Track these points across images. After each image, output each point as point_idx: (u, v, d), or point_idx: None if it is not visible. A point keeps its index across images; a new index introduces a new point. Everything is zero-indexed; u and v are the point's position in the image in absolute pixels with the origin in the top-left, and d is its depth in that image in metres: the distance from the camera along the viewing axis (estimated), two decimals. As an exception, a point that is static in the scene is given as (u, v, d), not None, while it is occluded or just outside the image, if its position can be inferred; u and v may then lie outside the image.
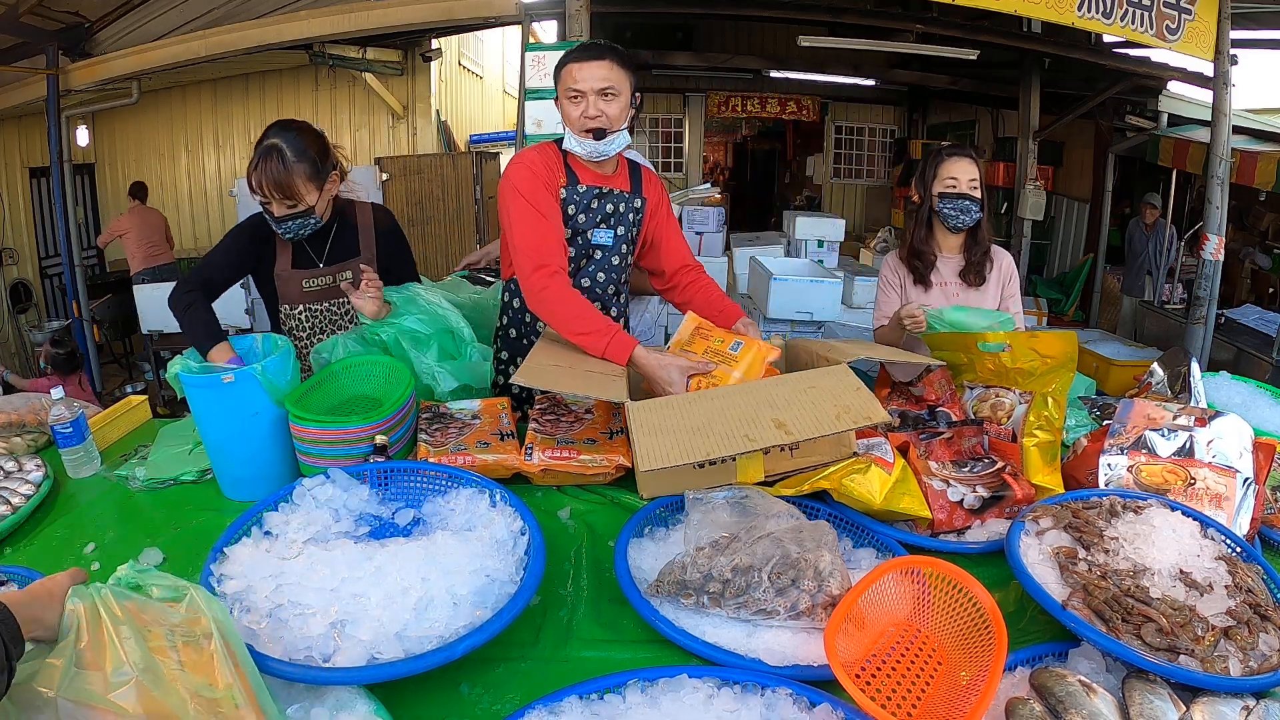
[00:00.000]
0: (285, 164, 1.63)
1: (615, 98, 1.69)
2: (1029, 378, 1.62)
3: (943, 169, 2.07)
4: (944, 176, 2.06)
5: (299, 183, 1.65)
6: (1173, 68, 5.70)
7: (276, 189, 1.64)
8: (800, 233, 5.61)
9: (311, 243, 1.81)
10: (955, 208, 2.05)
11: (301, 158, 1.65)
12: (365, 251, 1.84)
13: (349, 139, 7.11)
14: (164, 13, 5.53)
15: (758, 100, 9.62)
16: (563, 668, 1.02)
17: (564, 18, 4.43)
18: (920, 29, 5.64)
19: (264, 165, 1.63)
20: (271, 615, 0.96)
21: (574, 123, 1.69)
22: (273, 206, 1.68)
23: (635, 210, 1.86)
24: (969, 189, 2.04)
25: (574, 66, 1.67)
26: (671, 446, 1.21)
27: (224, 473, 1.48)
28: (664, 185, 1.99)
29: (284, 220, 1.69)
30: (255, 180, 1.65)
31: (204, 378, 1.41)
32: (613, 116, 1.69)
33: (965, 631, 0.98)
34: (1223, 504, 1.26)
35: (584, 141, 1.70)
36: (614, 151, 1.75)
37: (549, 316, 1.65)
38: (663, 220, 1.93)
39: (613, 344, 1.58)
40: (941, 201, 2.06)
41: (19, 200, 6.91)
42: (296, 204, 1.67)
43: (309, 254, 1.81)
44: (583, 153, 1.72)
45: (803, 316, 3.98)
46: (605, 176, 1.81)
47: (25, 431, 1.70)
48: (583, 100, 1.67)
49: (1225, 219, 4.55)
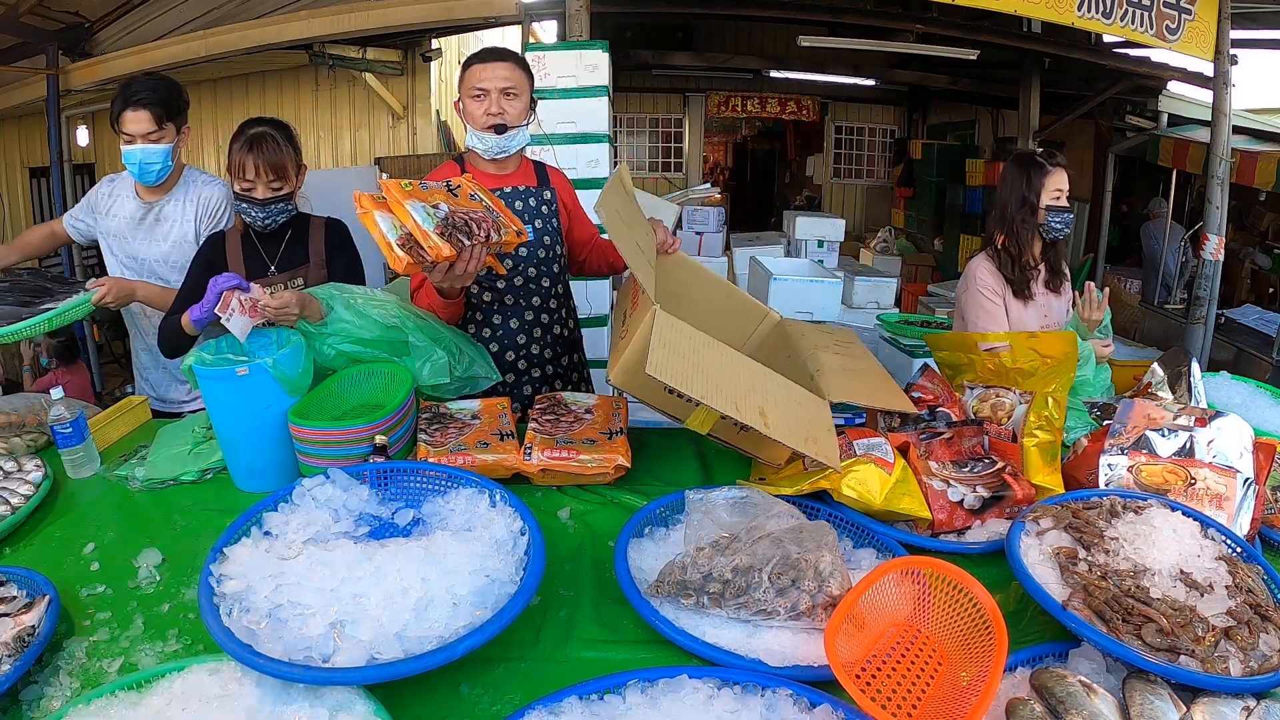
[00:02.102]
0: (279, 146, 1.77)
1: (516, 97, 1.80)
2: (1029, 378, 1.62)
3: (1049, 180, 2.05)
4: (1051, 188, 2.05)
5: (289, 165, 1.79)
6: (1173, 68, 5.70)
7: (271, 170, 1.76)
8: (800, 233, 5.61)
9: (267, 248, 1.87)
10: (1062, 220, 2.05)
11: (288, 142, 1.80)
12: (315, 258, 1.90)
13: (349, 139, 7.11)
14: (164, 13, 5.53)
15: (758, 100, 9.61)
16: (563, 668, 1.02)
17: (564, 18, 4.43)
18: (920, 29, 5.64)
19: (259, 148, 1.74)
20: (271, 615, 0.96)
21: (477, 120, 1.79)
22: (257, 190, 1.76)
23: (547, 202, 1.94)
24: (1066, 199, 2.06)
25: (479, 67, 1.78)
26: (676, 370, 1.24)
27: (237, 464, 1.49)
28: (567, 177, 2.08)
29: (267, 204, 1.77)
30: (250, 163, 1.73)
31: (217, 370, 1.43)
32: (514, 115, 1.80)
33: (965, 632, 0.98)
34: (1223, 504, 1.26)
35: (485, 137, 1.79)
36: (515, 148, 1.85)
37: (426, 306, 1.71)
38: (574, 207, 2.04)
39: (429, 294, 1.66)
40: (1050, 214, 2.05)
41: (19, 200, 6.91)
42: (283, 186, 1.79)
43: (263, 259, 1.87)
44: (484, 149, 1.81)
45: (803, 316, 3.97)
46: (505, 176, 1.90)
47: (25, 431, 1.70)
48: (486, 98, 1.77)
49: (1225, 219, 4.55)
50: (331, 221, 1.95)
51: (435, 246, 1.44)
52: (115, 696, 0.91)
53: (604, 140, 3.47)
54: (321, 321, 1.61)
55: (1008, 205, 2.10)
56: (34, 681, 0.99)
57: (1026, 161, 2.11)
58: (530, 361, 1.98)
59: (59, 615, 1.06)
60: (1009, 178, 2.12)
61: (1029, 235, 2.08)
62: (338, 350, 1.62)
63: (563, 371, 2.06)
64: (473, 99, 1.79)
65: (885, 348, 3.71)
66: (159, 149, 1.94)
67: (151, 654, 1.03)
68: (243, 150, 1.74)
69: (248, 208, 1.77)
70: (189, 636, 1.07)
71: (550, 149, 3.28)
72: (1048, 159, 2.10)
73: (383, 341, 1.64)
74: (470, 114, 1.80)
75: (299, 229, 1.90)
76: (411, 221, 1.44)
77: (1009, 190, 2.10)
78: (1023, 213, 2.08)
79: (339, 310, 1.63)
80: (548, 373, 2.02)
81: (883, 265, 6.99)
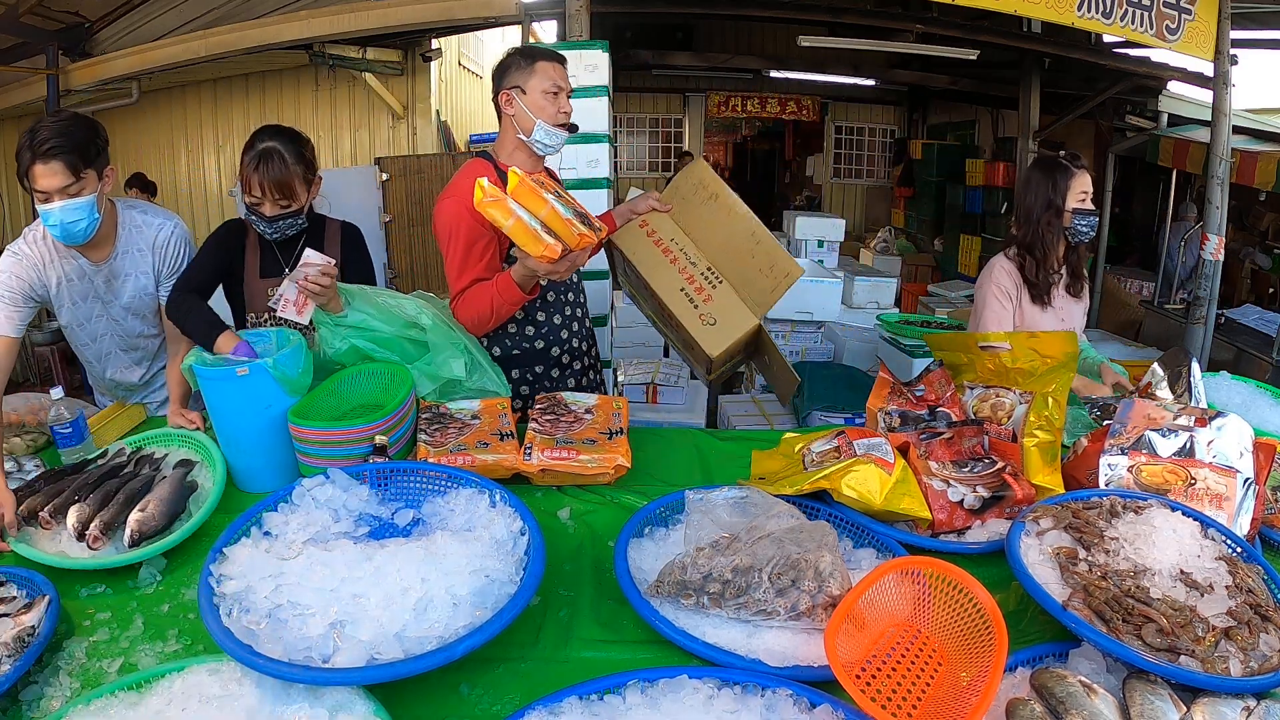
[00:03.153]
0: (286, 165, 1.71)
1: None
2: (1029, 378, 1.62)
3: (1075, 183, 2.03)
4: (1077, 191, 2.04)
5: (297, 184, 1.73)
6: (1173, 68, 5.70)
7: (277, 189, 1.70)
8: (800, 233, 5.60)
9: (283, 250, 1.85)
10: (1088, 223, 2.04)
11: (298, 161, 1.74)
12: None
13: (349, 139, 7.11)
14: (164, 13, 5.53)
15: (758, 100, 9.62)
16: (563, 668, 1.02)
17: (564, 18, 4.43)
18: (920, 29, 5.63)
19: (264, 167, 1.69)
20: (271, 615, 0.96)
21: (550, 115, 1.81)
22: (265, 207, 1.72)
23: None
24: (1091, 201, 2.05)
25: (551, 66, 1.81)
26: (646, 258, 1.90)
27: (237, 464, 1.50)
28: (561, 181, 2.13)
29: (275, 220, 1.74)
30: (256, 181, 1.69)
31: (217, 370, 1.43)
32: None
33: (965, 632, 0.98)
34: (1223, 504, 1.26)
35: (557, 133, 1.83)
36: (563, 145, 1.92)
37: (472, 324, 1.79)
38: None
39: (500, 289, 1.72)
40: (1077, 218, 2.03)
41: (19, 200, 6.90)
42: (290, 204, 1.74)
43: (279, 261, 1.85)
44: (551, 144, 1.84)
45: (803, 316, 3.97)
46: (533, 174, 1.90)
47: (25, 432, 1.70)
48: (560, 96, 1.82)
49: (1225, 219, 4.55)
50: (347, 225, 1.94)
51: (583, 234, 1.54)
52: (115, 696, 0.92)
53: (604, 140, 3.46)
54: (341, 315, 1.63)
55: (1033, 209, 2.06)
56: (34, 681, 0.99)
57: (1051, 165, 2.08)
58: (571, 355, 2.03)
59: (59, 615, 1.07)
60: (1033, 181, 2.09)
61: (1054, 239, 2.06)
62: (351, 344, 1.63)
63: (591, 363, 2.13)
64: (546, 95, 1.80)
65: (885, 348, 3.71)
66: (80, 203, 1.64)
67: (151, 654, 1.04)
68: (249, 167, 1.70)
69: (257, 220, 1.75)
70: (189, 636, 1.07)
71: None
72: (1072, 161, 2.08)
73: (398, 340, 1.66)
74: (542, 109, 1.80)
75: (315, 232, 1.88)
76: (549, 210, 1.51)
77: (1033, 194, 2.07)
78: (1048, 216, 2.05)
79: (358, 303, 1.65)
80: (584, 364, 2.08)
81: (883, 265, 6.99)
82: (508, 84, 1.81)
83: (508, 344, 1.93)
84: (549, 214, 1.51)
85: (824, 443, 1.48)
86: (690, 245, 2.11)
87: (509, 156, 1.87)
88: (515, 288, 1.70)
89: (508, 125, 1.85)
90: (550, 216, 1.52)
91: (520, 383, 1.96)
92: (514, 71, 1.81)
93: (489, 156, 1.89)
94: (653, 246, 2.10)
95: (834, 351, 4.09)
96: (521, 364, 1.95)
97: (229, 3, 5.44)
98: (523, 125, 1.82)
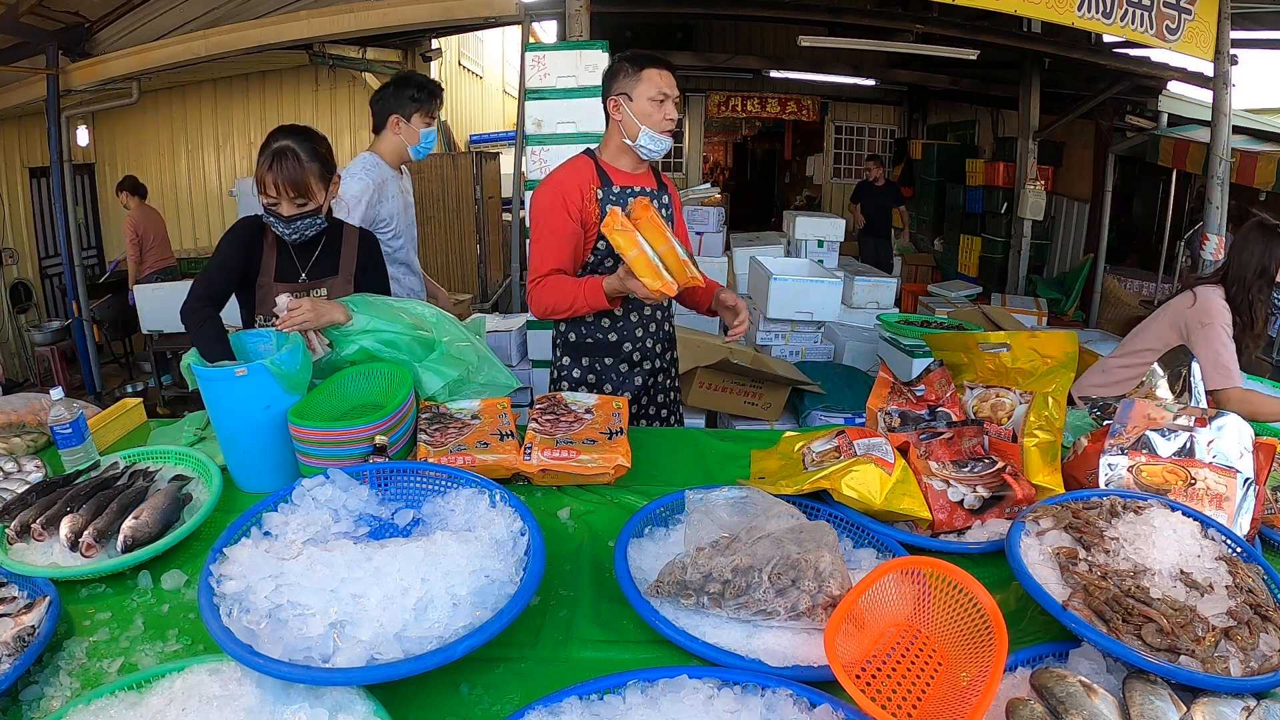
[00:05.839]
0: (301, 163, 1.70)
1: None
2: (1029, 378, 1.62)
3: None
4: None
5: (312, 182, 1.72)
6: (1173, 68, 5.70)
7: (292, 187, 1.69)
8: (800, 233, 5.61)
9: (300, 253, 1.84)
10: None
11: (314, 158, 1.73)
12: (344, 273, 1.87)
13: (349, 139, 7.11)
14: (164, 13, 5.53)
15: (758, 100, 9.63)
16: (562, 668, 1.02)
17: (564, 18, 4.44)
18: (920, 29, 5.64)
19: (279, 165, 1.68)
20: (271, 616, 0.96)
21: (657, 123, 1.87)
22: (282, 207, 1.71)
23: (665, 206, 2.01)
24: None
25: (659, 73, 1.86)
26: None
27: (237, 464, 1.49)
28: (675, 187, 2.16)
29: (293, 219, 1.72)
30: (270, 180, 1.68)
31: (217, 370, 1.43)
32: None
33: (965, 632, 0.98)
34: (1223, 504, 1.26)
35: (662, 140, 1.89)
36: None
37: (544, 311, 1.89)
38: (678, 216, 2.11)
39: (586, 291, 1.83)
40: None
41: (19, 200, 6.90)
42: (307, 203, 1.73)
43: (295, 265, 1.84)
44: (656, 150, 1.91)
45: (803, 316, 3.97)
46: (638, 176, 1.98)
47: (25, 432, 1.70)
48: (666, 103, 1.87)
49: (1225, 219, 4.55)
50: (364, 233, 1.93)
51: (693, 277, 1.72)
52: (115, 696, 0.91)
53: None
54: (349, 323, 1.65)
55: (1246, 270, 2.00)
56: (34, 681, 0.99)
57: (1271, 231, 2.02)
58: (643, 354, 2.05)
59: (59, 615, 1.06)
60: (1250, 244, 2.02)
61: (1261, 307, 2.01)
62: (360, 346, 1.65)
63: (665, 366, 2.14)
64: (653, 102, 1.86)
65: (885, 348, 3.71)
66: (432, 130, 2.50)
67: (151, 654, 1.03)
68: (263, 166, 1.70)
69: (274, 221, 1.73)
70: (189, 636, 1.07)
71: (547, 149, 3.28)
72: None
73: (404, 340, 1.67)
74: (648, 115, 1.86)
75: (333, 238, 1.87)
76: (668, 247, 1.68)
77: (1249, 256, 2.01)
78: (1260, 283, 2.00)
79: (363, 310, 1.67)
80: (656, 365, 2.10)
81: (883, 265, 6.98)
82: (616, 90, 1.88)
83: (582, 331, 2.01)
84: (667, 250, 1.67)
85: (824, 442, 1.48)
86: None
87: (613, 158, 1.95)
88: (603, 297, 1.80)
89: (614, 128, 1.92)
90: (668, 253, 1.67)
91: (589, 370, 2.02)
92: (622, 78, 1.87)
93: (593, 155, 1.96)
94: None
95: (834, 351, 4.09)
96: (593, 353, 2.01)
97: (229, 3, 5.44)
98: (628, 130, 1.88)
